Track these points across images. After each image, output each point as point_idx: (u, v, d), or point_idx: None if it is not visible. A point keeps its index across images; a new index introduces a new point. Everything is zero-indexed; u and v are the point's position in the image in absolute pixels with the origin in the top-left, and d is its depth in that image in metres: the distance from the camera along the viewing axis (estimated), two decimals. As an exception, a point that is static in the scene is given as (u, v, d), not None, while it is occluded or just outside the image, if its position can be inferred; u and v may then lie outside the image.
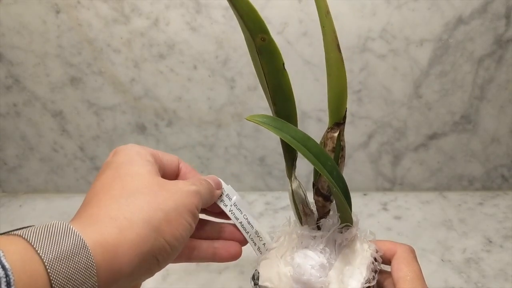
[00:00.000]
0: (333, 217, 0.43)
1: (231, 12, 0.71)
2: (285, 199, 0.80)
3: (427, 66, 0.73)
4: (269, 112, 0.44)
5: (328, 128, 0.42)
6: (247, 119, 0.38)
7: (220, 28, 0.73)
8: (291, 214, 0.46)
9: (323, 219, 0.44)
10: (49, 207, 0.83)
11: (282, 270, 0.41)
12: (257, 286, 0.43)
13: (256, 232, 0.45)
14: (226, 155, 0.82)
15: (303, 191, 0.45)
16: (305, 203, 0.44)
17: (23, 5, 0.73)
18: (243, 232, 0.44)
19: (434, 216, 0.74)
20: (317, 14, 0.72)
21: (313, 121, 0.77)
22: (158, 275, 0.61)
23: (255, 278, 0.43)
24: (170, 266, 0.63)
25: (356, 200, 0.40)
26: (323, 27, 0.39)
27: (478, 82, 0.74)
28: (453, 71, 0.73)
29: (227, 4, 0.70)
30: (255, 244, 0.45)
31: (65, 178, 0.86)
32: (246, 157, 0.82)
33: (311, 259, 0.40)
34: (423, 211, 0.75)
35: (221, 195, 0.44)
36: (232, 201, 0.44)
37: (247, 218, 0.45)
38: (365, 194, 0.82)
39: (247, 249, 0.45)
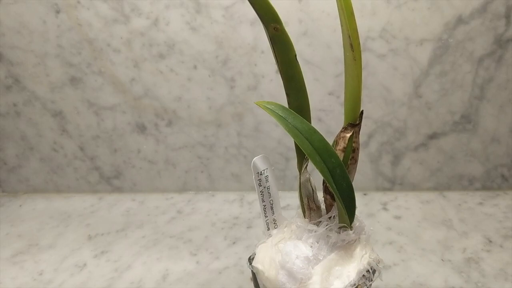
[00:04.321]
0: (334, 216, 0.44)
1: (231, 12, 0.71)
2: (285, 199, 0.79)
3: (427, 65, 0.73)
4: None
5: (342, 128, 0.42)
6: (255, 103, 0.38)
7: (220, 28, 0.73)
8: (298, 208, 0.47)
9: (324, 216, 0.44)
10: (49, 207, 0.83)
11: (273, 255, 0.43)
12: (251, 266, 0.44)
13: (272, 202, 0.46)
14: (226, 155, 0.82)
15: (311, 186, 0.45)
16: (311, 197, 0.45)
17: (23, 5, 0.73)
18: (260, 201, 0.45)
19: (434, 216, 0.74)
20: (316, 14, 0.72)
21: (313, 121, 0.77)
22: (158, 275, 0.61)
23: (250, 259, 0.45)
24: (170, 266, 0.63)
25: (356, 200, 0.40)
26: (341, 26, 0.38)
27: (478, 82, 0.74)
28: (453, 71, 0.73)
29: (227, 4, 0.71)
30: (266, 217, 0.46)
31: (65, 178, 0.86)
32: (246, 156, 0.82)
33: (298, 250, 0.41)
34: (423, 210, 0.75)
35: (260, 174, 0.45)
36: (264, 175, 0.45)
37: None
38: (365, 194, 0.82)
39: (247, 250, 0.45)
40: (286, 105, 0.41)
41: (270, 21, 0.38)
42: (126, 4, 0.72)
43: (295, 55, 0.40)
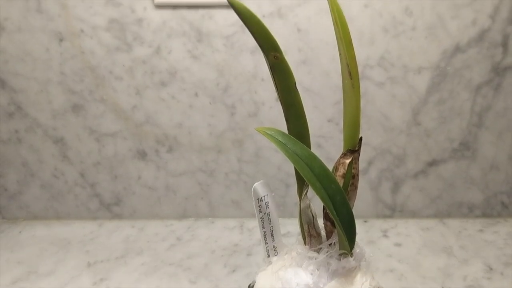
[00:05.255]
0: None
1: (232, 41, 0.72)
2: (285, 226, 0.79)
3: (425, 93, 0.74)
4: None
5: (342, 154, 0.42)
6: (256, 129, 0.39)
7: (221, 56, 0.74)
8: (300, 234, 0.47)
9: (324, 242, 0.44)
10: (49, 233, 0.83)
11: (273, 283, 0.43)
12: None
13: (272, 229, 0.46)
14: (226, 181, 0.82)
15: (312, 212, 0.45)
16: (311, 224, 0.45)
17: (27, 33, 0.74)
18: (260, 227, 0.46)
19: (434, 243, 0.73)
20: (315, 43, 0.73)
21: (313, 147, 0.77)
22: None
23: (250, 286, 0.46)
24: None
25: (357, 227, 0.40)
26: (340, 54, 0.39)
27: (476, 109, 0.75)
28: (451, 99, 0.74)
29: (227, 33, 0.72)
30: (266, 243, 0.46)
31: (65, 204, 0.86)
32: (246, 182, 0.82)
33: (299, 277, 0.41)
34: (423, 238, 0.75)
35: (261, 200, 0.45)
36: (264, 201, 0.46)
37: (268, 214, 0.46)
38: (365, 221, 0.82)
39: (246, 278, 0.45)
40: (286, 132, 0.41)
41: (270, 49, 0.38)
42: (128, 33, 0.73)
43: (295, 83, 0.41)
